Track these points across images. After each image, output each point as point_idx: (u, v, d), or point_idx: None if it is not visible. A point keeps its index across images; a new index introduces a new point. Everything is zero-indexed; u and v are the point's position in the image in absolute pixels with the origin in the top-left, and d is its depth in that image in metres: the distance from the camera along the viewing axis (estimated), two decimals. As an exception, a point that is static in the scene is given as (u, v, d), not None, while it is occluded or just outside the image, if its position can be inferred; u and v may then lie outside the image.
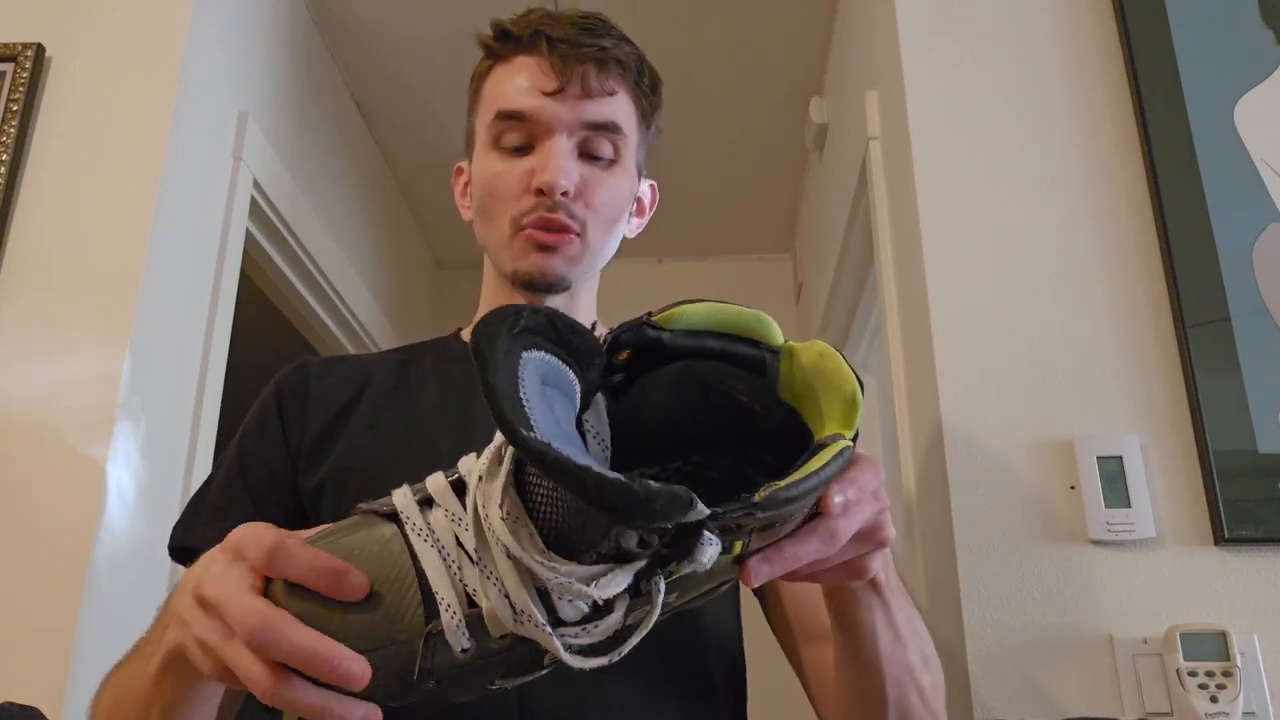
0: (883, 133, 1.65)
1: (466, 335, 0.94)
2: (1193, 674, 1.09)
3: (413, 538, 0.47)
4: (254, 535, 0.49)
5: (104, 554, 1.31)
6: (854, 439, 0.50)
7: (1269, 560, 1.18)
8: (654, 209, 0.99)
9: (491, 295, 0.92)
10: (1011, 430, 1.25)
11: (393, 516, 0.49)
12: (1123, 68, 1.41)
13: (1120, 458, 1.21)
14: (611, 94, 0.85)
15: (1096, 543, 1.19)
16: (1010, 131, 1.40)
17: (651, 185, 0.98)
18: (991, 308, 1.31)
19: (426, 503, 0.49)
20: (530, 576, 0.45)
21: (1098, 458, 1.21)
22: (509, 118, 0.84)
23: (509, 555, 0.45)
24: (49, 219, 1.45)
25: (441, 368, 0.90)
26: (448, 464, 0.51)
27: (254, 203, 1.82)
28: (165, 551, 1.48)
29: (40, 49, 1.53)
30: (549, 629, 0.45)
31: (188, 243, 1.60)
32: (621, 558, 0.44)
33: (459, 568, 0.46)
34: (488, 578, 0.45)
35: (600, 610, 0.45)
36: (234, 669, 0.47)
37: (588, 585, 0.44)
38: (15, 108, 1.48)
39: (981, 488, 1.22)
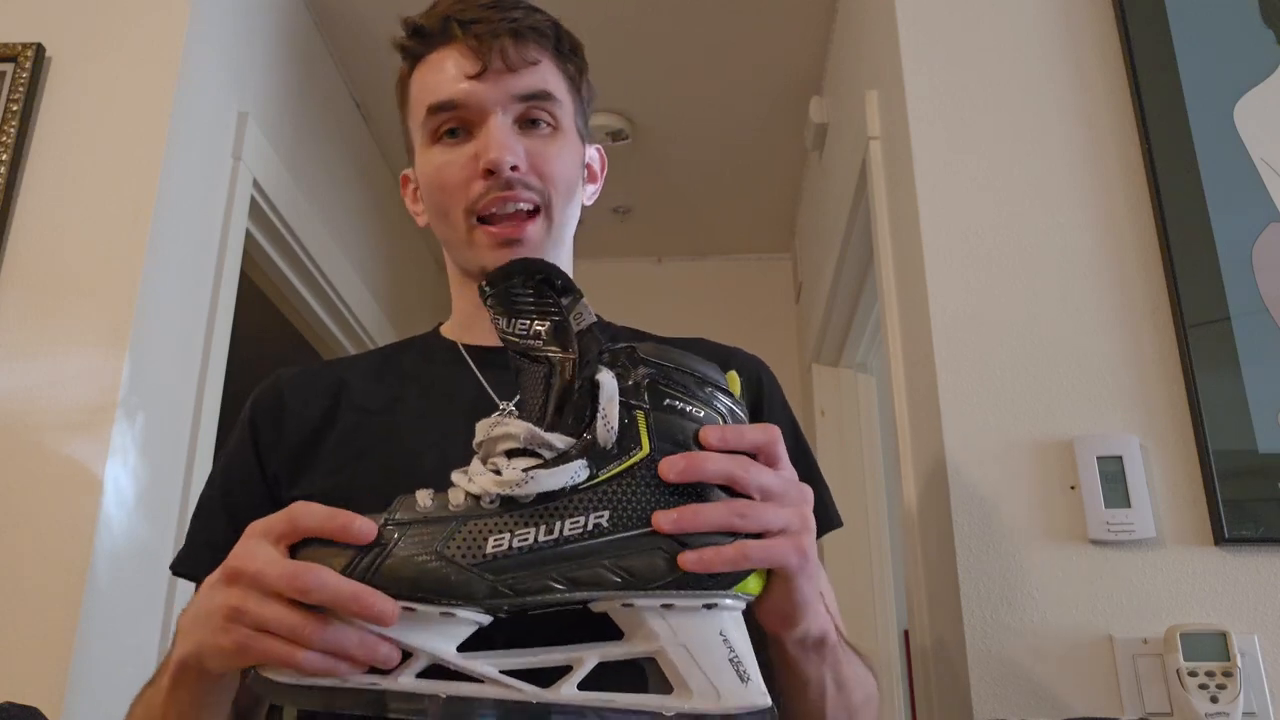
0: (882, 132, 1.65)
1: (446, 331, 0.93)
2: (1193, 674, 1.09)
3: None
4: (274, 515, 0.57)
5: (104, 554, 1.32)
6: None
7: (1269, 560, 1.18)
8: (605, 174, 0.98)
9: (460, 291, 0.91)
10: (1011, 430, 1.25)
11: None
12: (1123, 67, 1.41)
13: (1120, 458, 1.21)
14: (534, 64, 0.84)
15: (1096, 543, 1.19)
16: (1010, 131, 1.40)
17: (599, 150, 0.97)
18: (991, 307, 1.31)
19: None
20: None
21: (1098, 458, 1.21)
22: (440, 110, 0.84)
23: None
24: (49, 219, 1.45)
25: (420, 368, 0.89)
26: (428, 476, 0.59)
27: (254, 203, 1.82)
28: (165, 551, 1.48)
29: (40, 49, 1.53)
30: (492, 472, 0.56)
31: (187, 243, 1.60)
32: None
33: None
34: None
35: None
36: (273, 625, 0.53)
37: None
38: (15, 108, 1.48)
39: (981, 488, 1.22)
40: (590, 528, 0.55)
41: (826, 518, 0.85)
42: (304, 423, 0.83)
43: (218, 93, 1.71)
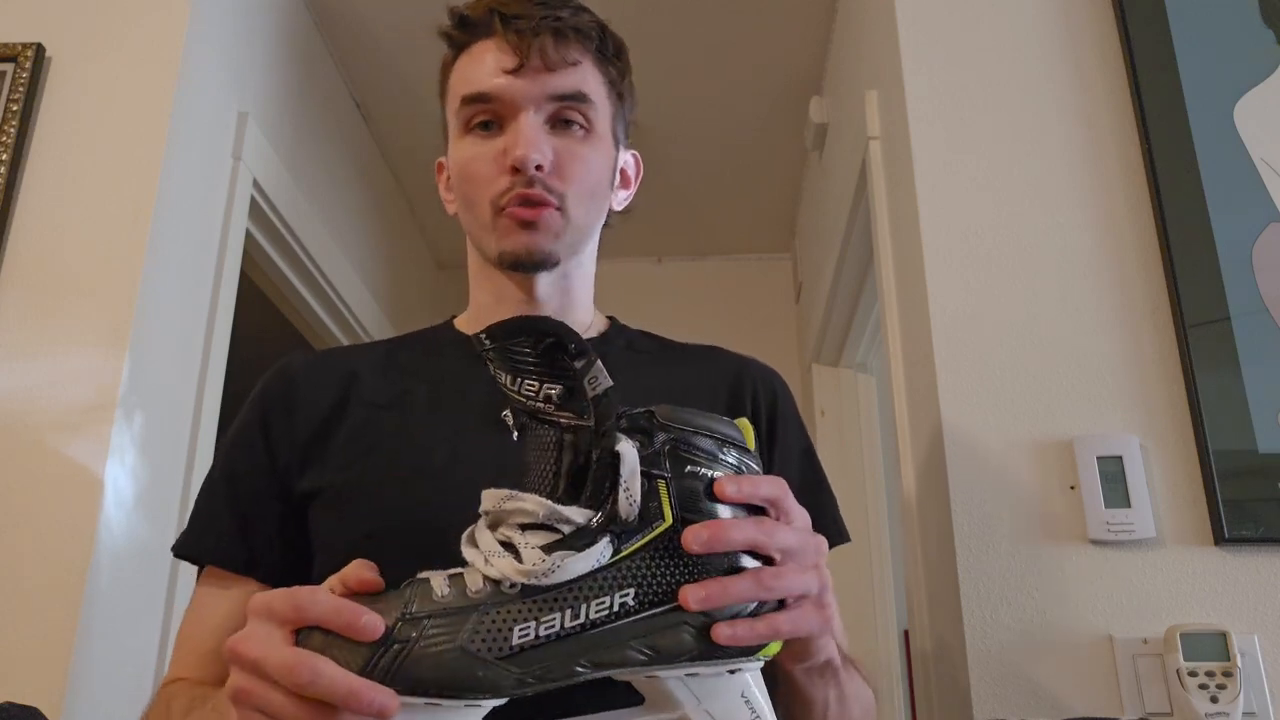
0: (882, 132, 1.65)
1: (461, 324, 0.93)
2: (1193, 674, 1.09)
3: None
4: (279, 595, 0.54)
5: (104, 554, 1.31)
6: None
7: (1269, 560, 1.18)
8: (639, 180, 0.98)
9: (479, 283, 0.91)
10: (1011, 430, 1.25)
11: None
12: (1123, 67, 1.41)
13: (1120, 458, 1.21)
14: (574, 64, 0.84)
15: (1096, 543, 1.19)
16: (1010, 131, 1.40)
17: (634, 156, 0.97)
18: (991, 307, 1.31)
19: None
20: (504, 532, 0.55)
21: (1097, 458, 1.21)
22: (475, 101, 0.84)
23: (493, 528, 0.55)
24: (49, 219, 1.45)
25: (432, 361, 0.89)
26: (438, 473, 0.58)
27: (254, 203, 1.82)
28: (165, 551, 1.47)
29: (40, 49, 1.53)
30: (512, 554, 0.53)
31: (187, 243, 1.60)
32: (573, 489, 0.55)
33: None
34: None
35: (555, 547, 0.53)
36: (276, 712, 0.51)
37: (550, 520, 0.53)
38: (15, 108, 1.48)
39: (981, 488, 1.22)
40: (616, 608, 0.53)
41: (835, 532, 0.85)
42: (315, 414, 0.83)
43: (218, 93, 1.71)
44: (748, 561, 0.56)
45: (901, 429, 1.45)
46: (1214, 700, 1.07)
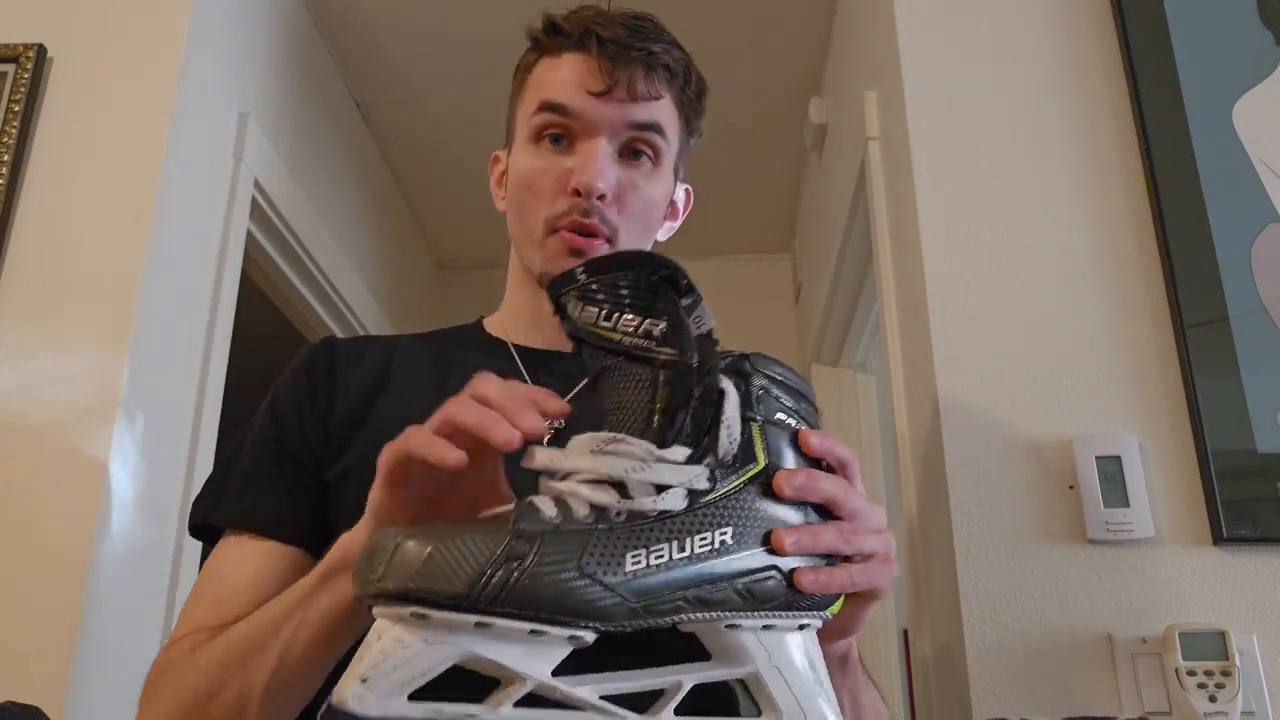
0: (882, 133, 1.65)
1: (492, 327, 0.92)
2: (1191, 673, 1.09)
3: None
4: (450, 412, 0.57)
5: (104, 554, 1.32)
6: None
7: (1268, 560, 1.18)
8: (687, 212, 0.98)
9: (516, 291, 0.91)
10: (1011, 430, 1.25)
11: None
12: (1121, 68, 1.42)
13: (1119, 457, 1.21)
14: (657, 98, 0.84)
15: (1095, 542, 1.19)
16: (1009, 132, 1.40)
17: (687, 189, 0.97)
18: (990, 307, 1.31)
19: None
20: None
21: (1096, 458, 1.21)
22: (553, 110, 0.83)
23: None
24: (50, 219, 1.46)
25: (466, 353, 0.88)
26: None
27: (254, 203, 1.82)
28: (165, 551, 1.48)
29: (41, 49, 1.53)
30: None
31: (188, 243, 1.60)
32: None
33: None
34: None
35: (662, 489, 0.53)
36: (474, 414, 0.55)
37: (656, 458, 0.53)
38: (16, 108, 1.48)
39: (981, 488, 1.22)
40: (716, 545, 0.52)
41: None
42: (355, 393, 0.82)
43: (218, 93, 1.72)
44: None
45: (901, 429, 1.45)
46: (1212, 700, 1.07)
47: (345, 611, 0.61)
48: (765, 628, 0.53)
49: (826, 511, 0.58)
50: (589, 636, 0.49)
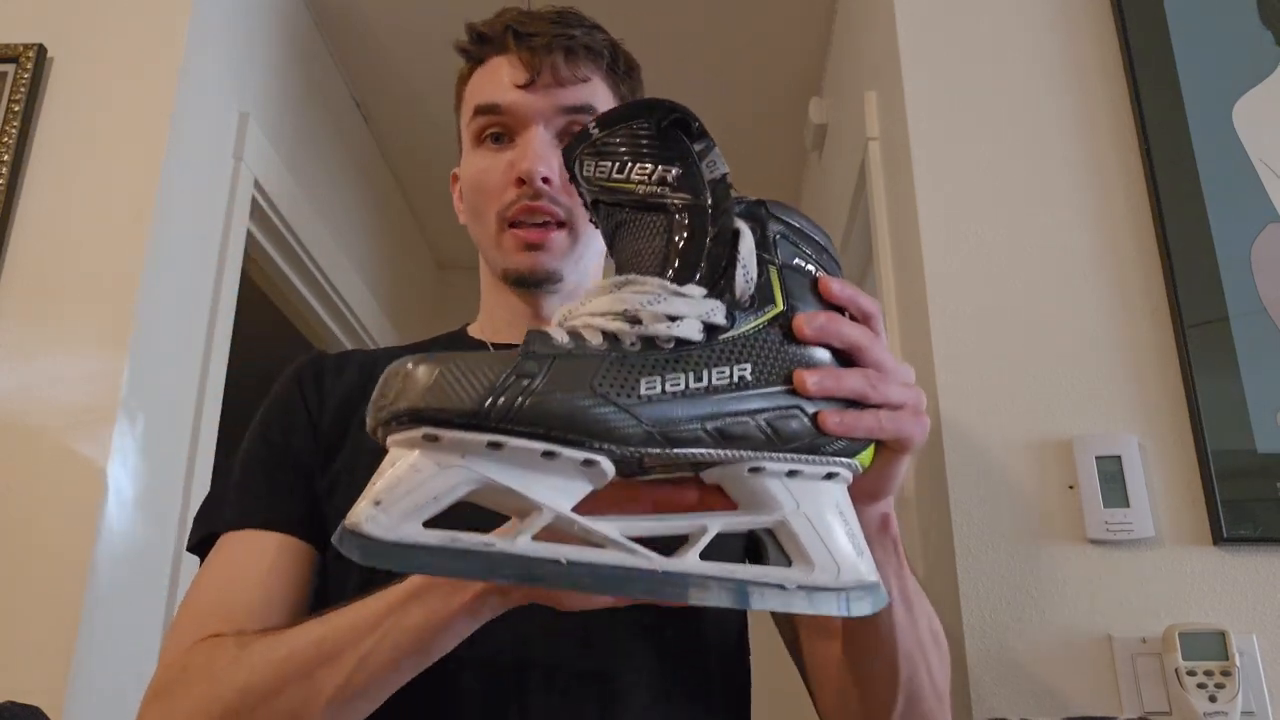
0: (881, 133, 1.65)
1: (474, 331, 0.94)
2: (1191, 673, 1.09)
3: None
4: None
5: (104, 554, 1.32)
6: None
7: (1267, 560, 1.18)
8: None
9: (489, 295, 0.93)
10: (1010, 430, 1.25)
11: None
12: (1121, 68, 1.42)
13: (1119, 457, 1.21)
14: (584, 80, 0.86)
15: (1095, 542, 1.19)
16: (1009, 132, 1.40)
17: None
18: (990, 308, 1.31)
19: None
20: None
21: (1096, 457, 1.21)
22: (487, 112, 0.86)
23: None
24: (50, 219, 1.46)
25: None
26: None
27: (254, 203, 1.82)
28: (165, 551, 1.48)
29: (41, 49, 1.53)
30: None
31: (188, 243, 1.60)
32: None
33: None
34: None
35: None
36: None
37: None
38: (16, 108, 1.48)
39: (981, 487, 1.22)
40: (735, 379, 0.50)
41: None
42: (339, 404, 0.83)
43: (218, 93, 1.72)
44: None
45: (901, 429, 1.45)
46: (1212, 699, 1.08)
47: (436, 627, 0.60)
48: (791, 474, 0.51)
49: (850, 363, 0.56)
50: (605, 463, 0.47)
